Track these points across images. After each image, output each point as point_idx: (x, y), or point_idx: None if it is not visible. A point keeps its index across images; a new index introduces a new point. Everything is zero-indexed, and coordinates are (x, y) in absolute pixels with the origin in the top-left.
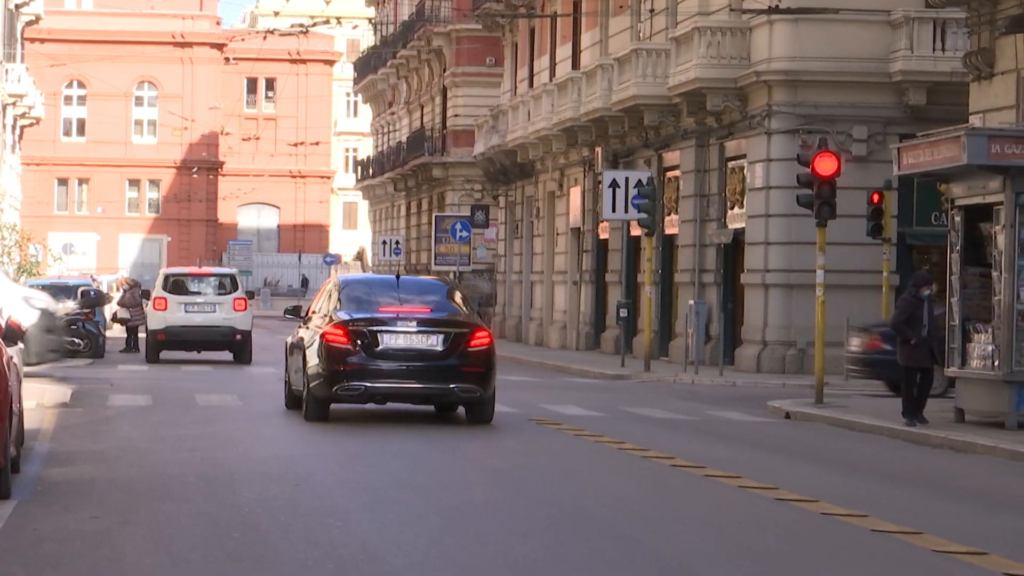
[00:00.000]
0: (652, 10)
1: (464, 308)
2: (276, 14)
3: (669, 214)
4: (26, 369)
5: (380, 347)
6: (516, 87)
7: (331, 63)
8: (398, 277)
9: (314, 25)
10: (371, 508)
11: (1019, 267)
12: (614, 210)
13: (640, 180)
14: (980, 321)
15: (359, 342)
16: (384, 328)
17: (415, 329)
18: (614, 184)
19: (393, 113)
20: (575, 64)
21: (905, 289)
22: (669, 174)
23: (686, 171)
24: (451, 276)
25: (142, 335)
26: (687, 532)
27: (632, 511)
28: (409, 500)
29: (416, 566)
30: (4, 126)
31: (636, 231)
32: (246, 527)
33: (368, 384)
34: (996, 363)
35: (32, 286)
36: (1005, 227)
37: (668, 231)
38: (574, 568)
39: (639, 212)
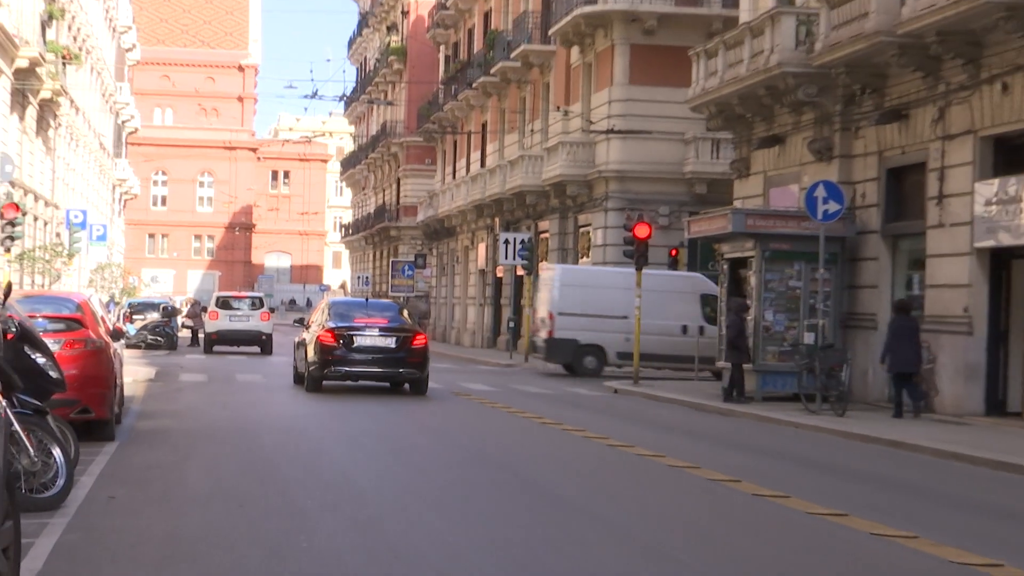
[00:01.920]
0: (532, 130)
1: (409, 320)
2: (291, 129)
3: (542, 261)
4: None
5: (355, 345)
6: (445, 178)
7: (326, 161)
8: (367, 300)
9: (315, 137)
10: (347, 448)
11: (764, 297)
12: (506, 258)
13: (523, 239)
14: None
15: (341, 341)
16: (358, 332)
17: (378, 333)
18: (507, 241)
19: (365, 194)
20: (483, 164)
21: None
22: (542, 235)
23: (553, 233)
24: (401, 300)
25: (201, 336)
26: (549, 465)
27: (515, 452)
28: (372, 443)
29: (376, 486)
30: (114, 199)
31: (520, 272)
32: (265, 461)
33: (347, 369)
34: None
35: (131, 303)
36: (755, 272)
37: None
38: (478, 488)
39: (523, 260)
